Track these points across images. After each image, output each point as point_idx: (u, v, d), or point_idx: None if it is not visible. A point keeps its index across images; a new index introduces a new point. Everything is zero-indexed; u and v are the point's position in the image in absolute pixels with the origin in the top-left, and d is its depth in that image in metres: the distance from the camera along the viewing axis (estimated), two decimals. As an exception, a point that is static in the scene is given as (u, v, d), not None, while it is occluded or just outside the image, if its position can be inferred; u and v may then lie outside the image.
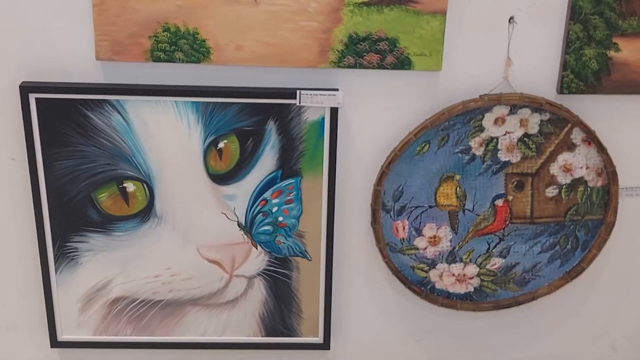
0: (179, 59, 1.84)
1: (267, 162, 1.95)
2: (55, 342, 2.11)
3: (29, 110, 1.87)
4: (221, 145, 1.92)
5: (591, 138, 1.98)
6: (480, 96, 1.91)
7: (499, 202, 2.02)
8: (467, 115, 1.93)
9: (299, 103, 1.89)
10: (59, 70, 1.87)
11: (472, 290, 2.12)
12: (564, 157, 2.00)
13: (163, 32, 1.82)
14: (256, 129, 1.91)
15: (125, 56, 1.84)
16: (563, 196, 2.03)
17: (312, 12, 1.81)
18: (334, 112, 1.91)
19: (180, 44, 1.82)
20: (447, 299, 2.13)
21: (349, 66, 1.86)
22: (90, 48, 1.85)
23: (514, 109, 1.94)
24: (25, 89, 1.85)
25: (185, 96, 1.87)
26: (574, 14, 1.87)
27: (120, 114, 1.88)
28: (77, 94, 1.86)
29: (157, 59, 1.84)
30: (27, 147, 1.90)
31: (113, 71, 1.88)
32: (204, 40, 1.82)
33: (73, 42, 1.85)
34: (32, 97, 1.86)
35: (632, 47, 1.91)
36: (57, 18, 1.83)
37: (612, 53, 1.91)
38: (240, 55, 1.83)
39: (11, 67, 1.87)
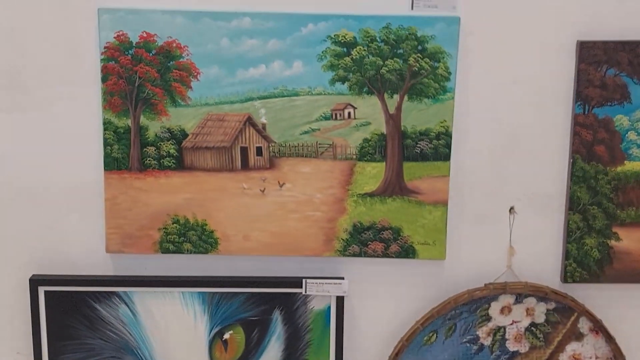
0: (187, 250, 1.88)
1: (272, 353, 1.94)
2: None
3: (38, 304, 1.89)
4: (227, 336, 1.92)
5: (598, 327, 1.97)
6: (485, 285, 1.93)
7: (510, 396, 1.99)
8: (473, 304, 1.94)
9: (305, 292, 1.90)
10: (68, 263, 1.91)
11: None
12: (572, 347, 1.98)
13: (172, 224, 1.87)
14: (262, 319, 1.92)
15: (134, 248, 1.88)
16: (575, 388, 2.00)
17: (317, 202, 1.87)
18: (340, 300, 1.92)
19: (189, 235, 1.87)
20: None
21: (354, 255, 1.89)
22: (100, 241, 1.89)
23: (519, 298, 1.94)
24: (35, 282, 1.88)
25: (192, 287, 1.89)
26: (573, 204, 1.92)
27: (128, 306, 1.90)
28: (86, 286, 1.88)
29: (165, 251, 1.88)
30: (33, 341, 1.90)
31: (122, 263, 1.91)
32: (212, 231, 1.87)
33: (84, 235, 1.90)
34: (42, 290, 1.88)
35: (632, 236, 1.94)
36: (69, 211, 1.89)
37: (613, 242, 1.94)
38: (247, 245, 1.88)
39: (22, 259, 1.91)
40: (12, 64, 1.81)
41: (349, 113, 1.83)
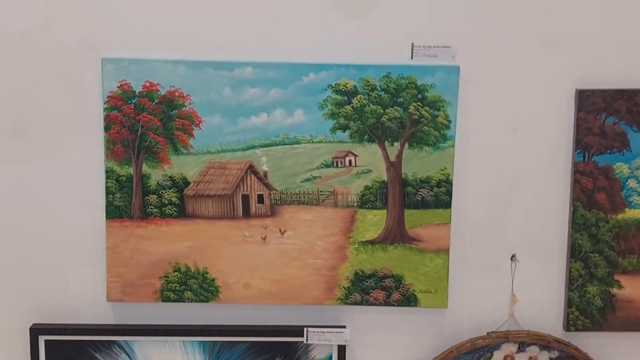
0: (188, 299, 1.87)
1: (274, 403, 1.93)
2: None
3: (38, 353, 1.88)
4: (228, 385, 1.91)
5: (603, 376, 1.96)
6: (487, 333, 1.92)
7: None
8: (475, 353, 1.93)
9: (307, 341, 1.89)
10: (69, 311, 1.90)
11: None
12: (576, 397, 1.97)
13: (173, 272, 1.87)
14: (263, 368, 1.91)
15: (135, 297, 1.88)
16: None
17: (318, 250, 1.87)
18: (342, 350, 1.91)
19: (190, 283, 1.87)
20: None
21: (356, 303, 1.89)
22: (101, 289, 1.89)
23: (522, 347, 1.93)
24: (36, 331, 1.87)
25: (193, 336, 1.88)
26: (574, 252, 1.91)
27: (128, 355, 1.89)
28: (87, 335, 1.88)
29: (166, 299, 1.88)
30: (32, 393, 1.90)
31: (123, 312, 1.91)
32: (213, 280, 1.87)
33: (85, 283, 1.90)
34: (42, 340, 1.88)
35: (634, 284, 1.94)
36: (70, 260, 1.89)
37: (615, 290, 1.94)
38: (248, 293, 1.87)
39: (22, 308, 1.90)
40: (16, 113, 1.83)
41: (350, 161, 1.85)
